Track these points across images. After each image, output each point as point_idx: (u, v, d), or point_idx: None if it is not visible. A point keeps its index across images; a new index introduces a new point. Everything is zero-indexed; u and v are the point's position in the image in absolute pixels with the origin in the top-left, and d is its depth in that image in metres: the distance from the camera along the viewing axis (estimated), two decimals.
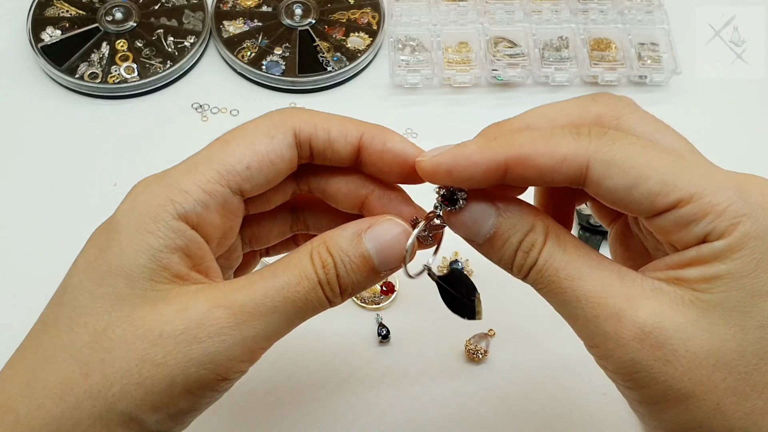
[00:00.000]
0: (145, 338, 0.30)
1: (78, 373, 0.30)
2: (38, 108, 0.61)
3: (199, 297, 0.31)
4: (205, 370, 0.31)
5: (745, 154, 0.61)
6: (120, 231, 0.31)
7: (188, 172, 0.33)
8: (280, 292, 0.32)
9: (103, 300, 0.31)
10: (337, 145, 0.35)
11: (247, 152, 0.33)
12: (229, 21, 0.65)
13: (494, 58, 0.62)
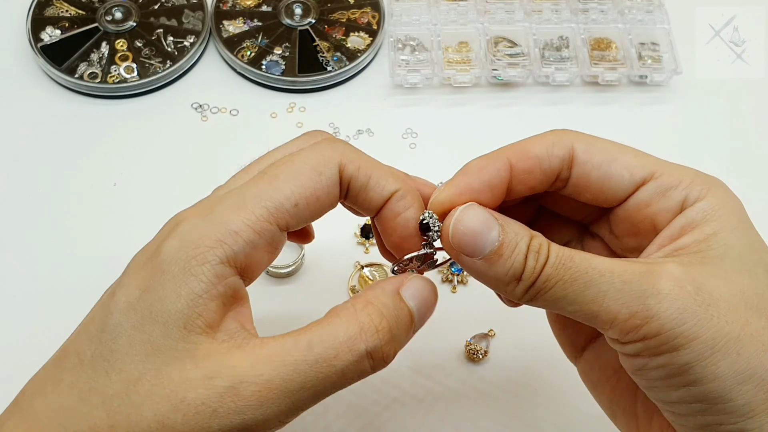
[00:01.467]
0: (168, 400, 0.29)
1: (105, 423, 0.30)
2: (37, 108, 0.61)
3: (226, 364, 0.30)
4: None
5: (745, 154, 0.61)
6: (165, 272, 0.30)
7: (237, 210, 0.31)
8: (315, 367, 0.30)
9: (140, 347, 0.30)
10: (371, 193, 0.35)
11: (296, 189, 0.32)
12: (228, 21, 0.65)
13: (494, 58, 0.62)
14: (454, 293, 0.53)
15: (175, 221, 0.32)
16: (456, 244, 0.33)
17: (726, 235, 0.32)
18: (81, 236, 0.55)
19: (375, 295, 0.33)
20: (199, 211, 0.32)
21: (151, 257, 0.31)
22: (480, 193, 0.35)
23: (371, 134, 0.60)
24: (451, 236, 0.33)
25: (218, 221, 0.31)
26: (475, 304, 0.53)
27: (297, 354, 0.30)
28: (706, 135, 0.62)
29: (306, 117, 0.61)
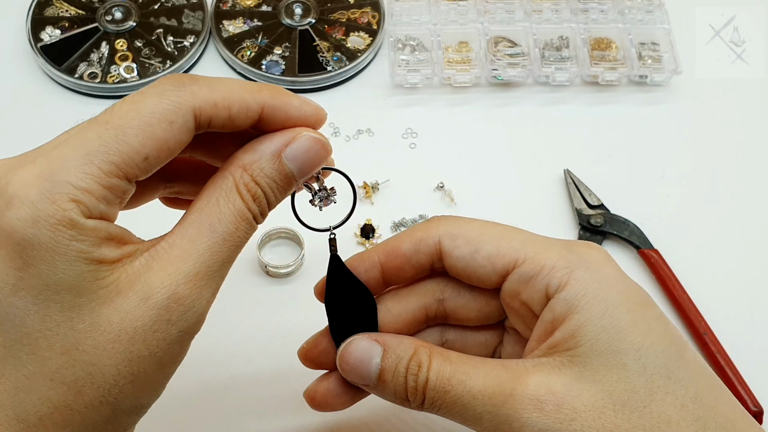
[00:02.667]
0: (120, 340, 0.30)
1: (70, 393, 0.30)
2: (38, 107, 0.61)
3: (152, 280, 0.31)
4: (185, 340, 0.32)
5: (745, 154, 0.61)
6: (35, 246, 0.29)
7: (83, 165, 0.30)
8: (224, 244, 0.32)
9: (58, 316, 0.29)
10: (237, 121, 0.33)
11: (147, 142, 0.31)
12: (228, 20, 0.65)
13: (494, 58, 0.62)
14: None
15: (4, 195, 0.30)
16: (348, 378, 0.37)
17: (591, 328, 0.33)
18: None
19: (252, 160, 0.33)
20: (34, 168, 0.30)
21: (3, 238, 0.29)
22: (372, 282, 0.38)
23: (371, 134, 0.60)
24: (342, 372, 0.37)
25: (64, 180, 0.29)
26: None
27: (207, 240, 0.32)
28: (706, 135, 0.62)
29: None
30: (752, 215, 0.58)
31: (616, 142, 0.61)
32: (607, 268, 0.35)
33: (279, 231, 0.54)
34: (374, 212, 0.56)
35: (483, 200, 0.57)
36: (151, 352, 0.31)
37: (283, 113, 0.34)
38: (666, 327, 0.34)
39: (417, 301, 0.38)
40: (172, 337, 0.31)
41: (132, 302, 0.30)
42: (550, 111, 0.62)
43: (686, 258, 0.55)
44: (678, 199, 0.58)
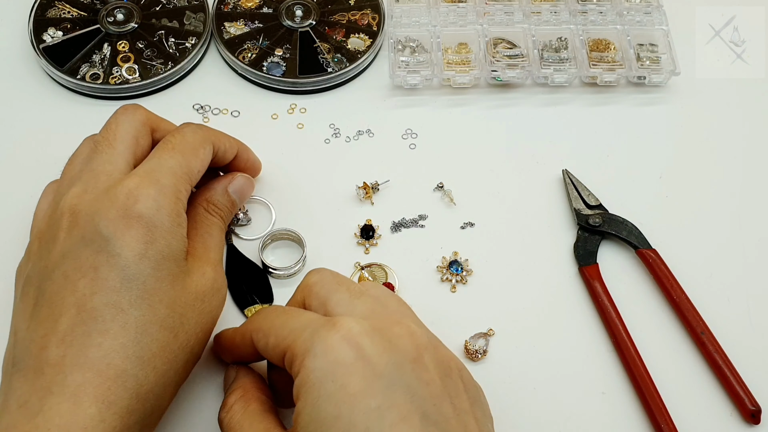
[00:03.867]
0: (197, 299, 0.43)
1: (170, 336, 0.41)
2: (39, 109, 0.61)
3: (203, 264, 0.45)
4: (221, 307, 0.46)
5: (745, 154, 0.61)
6: (158, 227, 0.42)
7: (175, 176, 0.45)
8: (220, 242, 0.49)
9: (166, 280, 0.41)
10: (227, 155, 0.51)
11: (198, 162, 0.47)
12: (230, 22, 0.65)
13: (494, 59, 0.62)
14: (453, 293, 0.54)
15: (125, 194, 0.42)
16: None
17: (304, 417, 0.37)
18: None
19: (211, 195, 0.50)
20: (138, 178, 0.43)
21: (126, 217, 0.41)
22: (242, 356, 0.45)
23: (371, 135, 0.61)
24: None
25: (167, 184, 0.43)
26: (474, 304, 0.53)
27: (213, 239, 0.49)
28: (706, 135, 0.62)
29: (306, 118, 0.62)
30: (751, 215, 0.58)
31: (614, 143, 0.61)
32: (338, 352, 0.37)
33: (281, 233, 0.54)
34: (374, 213, 0.57)
35: (482, 200, 0.58)
36: (210, 309, 0.45)
37: (245, 158, 0.53)
38: (370, 418, 0.36)
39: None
40: (218, 302, 0.46)
41: (197, 277, 0.44)
42: (549, 112, 0.62)
43: (684, 258, 0.55)
44: (676, 199, 0.58)
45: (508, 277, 0.55)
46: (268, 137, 0.60)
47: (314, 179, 0.58)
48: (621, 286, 0.54)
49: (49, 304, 0.40)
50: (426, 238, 0.56)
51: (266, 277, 0.53)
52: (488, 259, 0.55)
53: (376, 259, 0.55)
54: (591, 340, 0.52)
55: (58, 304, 0.40)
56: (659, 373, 0.50)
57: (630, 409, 0.50)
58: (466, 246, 0.55)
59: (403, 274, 0.54)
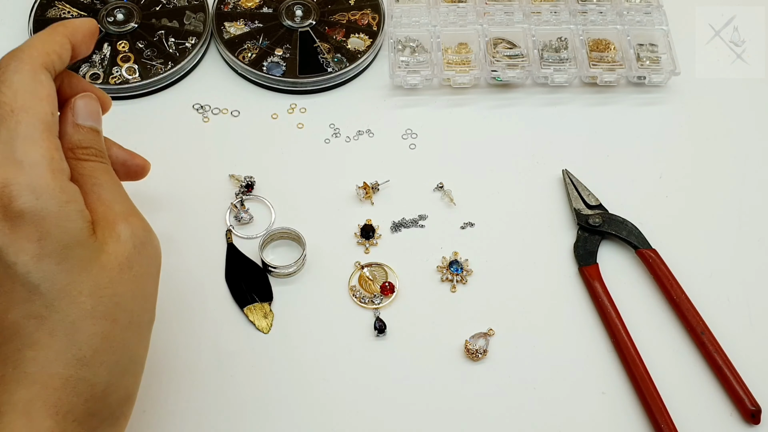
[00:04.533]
0: (122, 270, 0.38)
1: (107, 323, 0.37)
2: None
3: (112, 226, 0.39)
4: (156, 257, 0.42)
5: (745, 154, 0.61)
6: (45, 216, 0.36)
7: (44, 140, 0.38)
8: (116, 187, 0.41)
9: (77, 269, 0.37)
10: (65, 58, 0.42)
11: (49, 104, 0.39)
12: (230, 22, 0.65)
13: (493, 59, 0.62)
14: (454, 292, 0.54)
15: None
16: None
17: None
18: None
19: (69, 139, 0.41)
20: (2, 168, 0.36)
21: (7, 219, 0.36)
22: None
23: (371, 135, 0.61)
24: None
25: (34, 159, 0.37)
26: (474, 304, 0.53)
27: (116, 183, 0.42)
28: (706, 135, 0.62)
29: (306, 118, 0.62)
30: (751, 215, 0.58)
31: (614, 143, 0.61)
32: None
33: (281, 231, 0.54)
34: (374, 213, 0.57)
35: (482, 200, 0.58)
36: (145, 270, 0.40)
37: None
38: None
39: None
40: (151, 255, 0.41)
41: (113, 244, 0.38)
42: (548, 112, 0.62)
43: (684, 258, 0.55)
44: (676, 199, 0.58)
45: (508, 277, 0.55)
46: (268, 137, 0.60)
47: (314, 179, 0.58)
48: (621, 286, 0.54)
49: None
50: (426, 238, 0.56)
51: (266, 275, 0.54)
52: (488, 259, 0.55)
53: (376, 259, 0.55)
54: (591, 340, 0.52)
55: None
56: (659, 373, 0.50)
57: (630, 409, 0.50)
58: (466, 246, 0.55)
59: (403, 274, 0.54)
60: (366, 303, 0.53)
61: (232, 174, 0.58)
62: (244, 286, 0.53)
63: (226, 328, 0.52)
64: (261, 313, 0.52)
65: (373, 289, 0.53)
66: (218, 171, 0.58)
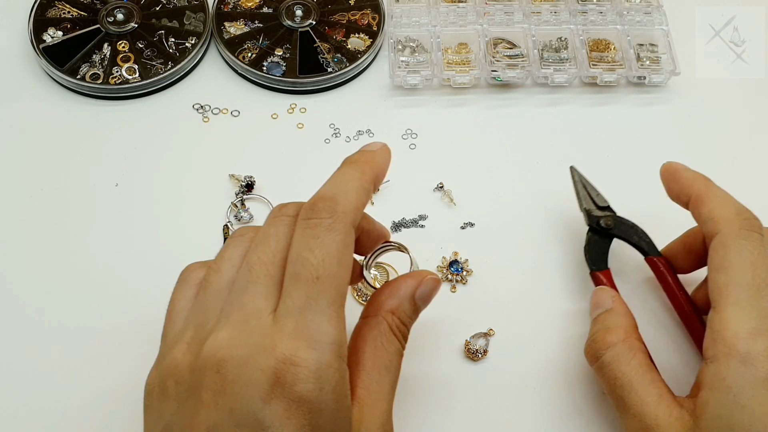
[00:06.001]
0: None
1: None
2: (39, 108, 0.61)
3: (371, 419, 0.37)
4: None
5: (745, 154, 0.61)
6: (322, 410, 0.34)
7: (339, 322, 0.36)
8: (397, 378, 0.39)
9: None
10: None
11: (348, 276, 0.37)
12: (230, 22, 0.65)
13: (494, 59, 0.62)
14: (454, 293, 0.54)
15: (279, 363, 0.34)
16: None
17: (711, 413, 0.39)
18: (83, 236, 0.55)
19: (397, 305, 0.40)
20: (295, 340, 0.34)
21: (285, 399, 0.33)
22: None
23: (371, 135, 0.61)
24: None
25: (328, 343, 0.35)
26: (475, 304, 0.53)
27: (387, 380, 0.39)
28: (706, 135, 0.62)
29: (306, 118, 0.62)
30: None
31: (614, 143, 0.61)
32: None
33: (385, 246, 0.48)
34: (374, 213, 0.56)
35: (482, 200, 0.58)
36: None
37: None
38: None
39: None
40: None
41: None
42: (548, 112, 0.62)
43: None
44: None
45: (508, 277, 0.55)
46: (268, 137, 0.60)
47: (314, 179, 0.58)
48: (626, 290, 0.53)
49: None
50: (426, 238, 0.56)
51: None
52: (488, 259, 0.55)
53: (377, 259, 0.55)
54: None
55: None
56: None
57: None
58: (466, 246, 0.55)
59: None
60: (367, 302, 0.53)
61: (232, 174, 0.58)
62: None
63: None
64: None
65: (374, 289, 0.53)
66: (218, 171, 0.58)
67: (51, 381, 0.49)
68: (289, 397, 0.33)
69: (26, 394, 0.49)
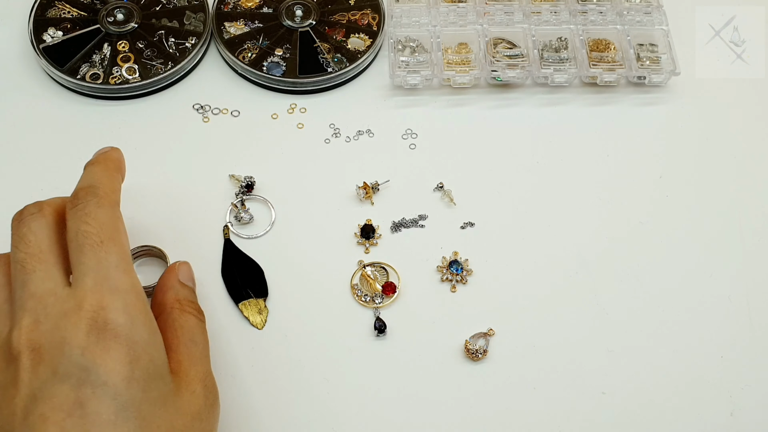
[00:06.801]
0: (194, 420, 0.40)
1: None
2: (39, 109, 0.61)
3: (191, 382, 0.42)
4: (217, 419, 0.44)
5: (745, 154, 0.61)
6: (137, 341, 0.38)
7: (130, 272, 0.41)
8: (204, 348, 0.44)
9: (158, 402, 0.38)
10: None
11: (125, 235, 0.44)
12: (230, 22, 0.65)
13: (493, 59, 0.62)
14: (454, 292, 0.54)
15: (90, 314, 0.38)
16: None
17: None
18: None
19: (177, 292, 0.46)
20: (98, 292, 0.39)
21: (102, 339, 0.37)
22: None
23: (371, 135, 0.61)
24: None
25: (126, 287, 0.40)
26: (475, 304, 0.53)
27: (199, 350, 0.44)
28: (706, 135, 0.62)
29: (307, 118, 0.62)
30: (751, 215, 0.58)
31: (614, 143, 0.61)
32: None
33: (142, 249, 0.54)
34: (374, 213, 0.57)
35: (482, 200, 0.58)
36: (206, 426, 0.41)
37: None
38: None
39: None
40: (215, 417, 0.43)
41: (188, 395, 0.40)
42: (548, 112, 0.62)
43: (685, 257, 0.55)
44: (676, 199, 0.58)
45: (508, 277, 0.55)
46: (268, 137, 0.60)
47: (314, 179, 0.58)
48: None
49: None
50: (426, 238, 0.56)
51: (262, 272, 0.54)
52: (488, 259, 0.55)
53: (375, 259, 0.55)
54: (591, 340, 0.52)
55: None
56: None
57: (629, 410, 0.50)
58: (466, 246, 0.56)
59: (403, 274, 0.54)
60: (367, 302, 0.53)
61: (232, 174, 0.58)
62: (240, 281, 0.53)
63: (221, 323, 0.52)
64: (256, 309, 0.52)
65: (374, 289, 0.53)
66: (218, 171, 0.58)
67: None
68: (104, 337, 0.37)
69: None
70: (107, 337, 0.37)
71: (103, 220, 0.41)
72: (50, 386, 0.36)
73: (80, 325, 0.37)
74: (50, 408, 0.35)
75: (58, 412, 0.35)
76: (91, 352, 0.36)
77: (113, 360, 0.37)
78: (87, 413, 0.35)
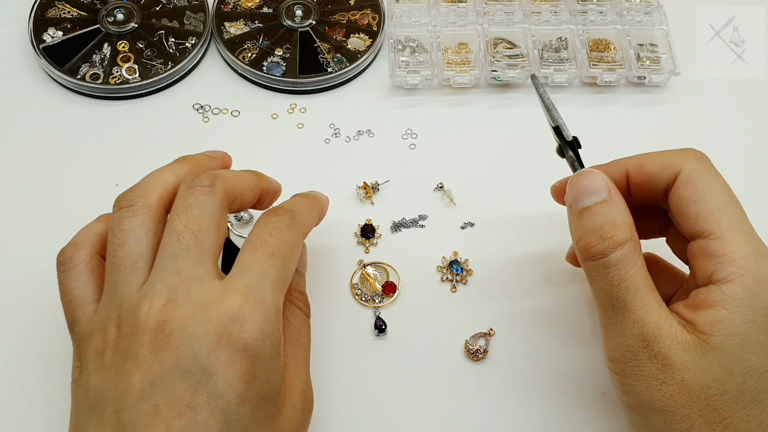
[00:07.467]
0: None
1: None
2: (39, 109, 0.61)
3: (294, 394, 0.40)
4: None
5: (745, 154, 0.61)
6: (260, 360, 0.36)
7: (281, 293, 0.40)
8: (308, 351, 0.44)
9: (262, 423, 0.37)
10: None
11: (294, 265, 0.42)
12: (230, 22, 0.65)
13: (493, 59, 0.62)
14: (454, 292, 0.54)
15: (228, 318, 0.36)
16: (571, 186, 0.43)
17: (728, 329, 0.38)
18: None
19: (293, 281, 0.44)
20: (244, 299, 0.37)
21: (231, 347, 0.36)
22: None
23: (371, 135, 0.61)
24: (568, 193, 0.44)
25: (271, 305, 0.38)
26: (475, 304, 0.53)
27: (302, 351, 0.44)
28: (706, 135, 0.62)
29: (306, 118, 0.62)
30: (750, 215, 0.58)
31: (614, 143, 0.61)
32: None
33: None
34: (374, 213, 0.57)
35: (482, 200, 0.58)
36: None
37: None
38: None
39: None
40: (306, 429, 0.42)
41: (289, 410, 0.39)
42: None
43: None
44: None
45: (508, 277, 0.55)
46: (268, 137, 0.60)
47: (314, 179, 0.58)
48: None
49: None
50: (426, 238, 0.56)
51: None
52: (488, 259, 0.55)
53: (376, 259, 0.55)
54: (591, 340, 0.52)
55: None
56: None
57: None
58: (466, 246, 0.56)
59: (403, 274, 0.54)
60: (367, 301, 0.53)
61: None
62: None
63: None
64: None
65: (374, 288, 0.53)
66: None
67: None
68: (234, 346, 0.35)
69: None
70: (237, 346, 0.36)
71: (286, 239, 0.41)
72: (170, 378, 0.35)
73: (216, 323, 0.36)
74: (165, 402, 0.34)
75: (171, 409, 0.34)
76: (218, 357, 0.35)
77: (234, 373, 0.35)
78: (196, 420, 0.34)
